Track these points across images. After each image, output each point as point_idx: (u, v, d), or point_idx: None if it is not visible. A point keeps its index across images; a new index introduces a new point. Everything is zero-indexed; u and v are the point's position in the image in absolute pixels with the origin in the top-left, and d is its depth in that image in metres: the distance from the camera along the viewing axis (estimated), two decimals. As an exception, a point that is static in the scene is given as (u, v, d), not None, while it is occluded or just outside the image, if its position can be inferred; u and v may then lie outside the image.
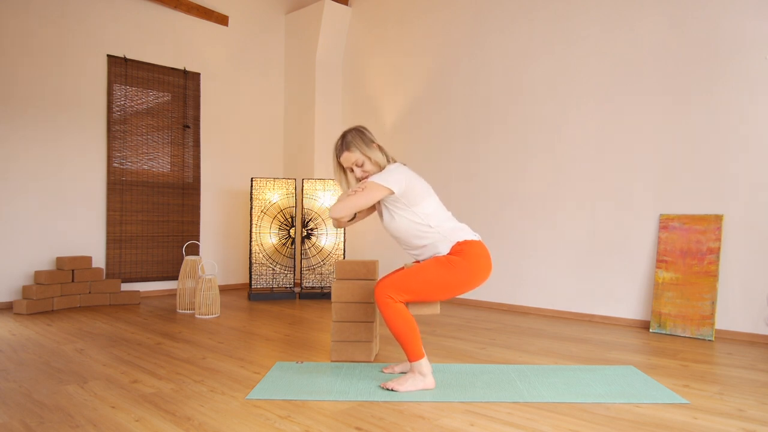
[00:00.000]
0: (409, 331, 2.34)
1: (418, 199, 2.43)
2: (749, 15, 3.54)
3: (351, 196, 2.42)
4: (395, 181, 2.39)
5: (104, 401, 2.21)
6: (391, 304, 2.34)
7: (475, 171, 4.91)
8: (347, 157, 2.49)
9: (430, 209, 2.45)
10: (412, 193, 2.42)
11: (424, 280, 2.37)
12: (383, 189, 2.39)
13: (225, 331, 3.68)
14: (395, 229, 2.49)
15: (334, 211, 2.43)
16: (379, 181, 2.39)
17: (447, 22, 5.21)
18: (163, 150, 5.38)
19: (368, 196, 2.40)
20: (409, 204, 2.43)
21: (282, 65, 6.40)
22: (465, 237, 2.44)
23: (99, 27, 5.00)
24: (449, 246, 2.42)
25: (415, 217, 2.43)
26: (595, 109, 4.21)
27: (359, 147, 2.48)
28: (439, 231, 2.43)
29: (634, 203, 4.00)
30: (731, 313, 3.56)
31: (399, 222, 2.46)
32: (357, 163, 2.49)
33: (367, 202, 2.41)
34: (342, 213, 2.42)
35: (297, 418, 2.03)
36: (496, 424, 1.98)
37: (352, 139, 2.50)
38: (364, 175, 2.50)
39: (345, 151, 2.50)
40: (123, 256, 5.12)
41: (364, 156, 2.48)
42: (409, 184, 2.42)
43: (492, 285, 4.76)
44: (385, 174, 2.43)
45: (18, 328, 3.71)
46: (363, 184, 2.43)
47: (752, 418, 2.08)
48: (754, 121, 3.52)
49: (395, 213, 2.46)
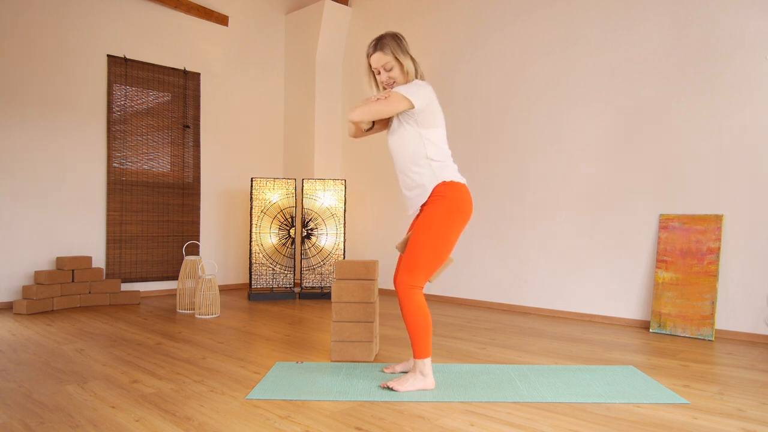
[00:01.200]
0: (424, 326, 2.35)
1: (430, 123, 2.42)
2: (749, 15, 3.54)
3: (373, 102, 2.39)
4: (420, 95, 2.37)
5: (104, 401, 2.20)
6: (413, 295, 2.35)
7: (475, 171, 4.91)
8: (378, 57, 2.45)
9: (435, 138, 2.44)
10: (430, 114, 2.41)
11: (425, 251, 2.37)
12: (406, 101, 2.36)
13: (225, 331, 3.68)
14: (398, 141, 2.47)
15: (354, 115, 2.39)
16: (404, 92, 2.36)
17: (447, 22, 5.21)
18: (163, 150, 5.38)
19: (390, 105, 2.36)
20: (421, 124, 2.41)
21: (282, 65, 6.40)
22: (451, 177, 2.44)
23: (99, 27, 5.00)
24: (435, 183, 2.41)
25: (419, 140, 2.42)
26: (595, 108, 4.21)
27: (394, 51, 2.44)
28: (432, 165, 2.42)
29: (634, 203, 4.00)
30: (731, 313, 3.56)
31: (404, 136, 2.44)
32: (386, 66, 2.45)
33: (388, 110, 2.37)
34: (362, 117, 2.39)
35: (297, 418, 2.03)
36: (496, 424, 1.98)
37: (388, 42, 2.45)
38: (390, 81, 2.47)
39: (378, 51, 2.45)
40: (123, 256, 5.12)
41: (396, 61, 2.45)
42: (430, 104, 2.40)
43: (492, 285, 4.77)
44: (412, 87, 2.40)
45: (18, 328, 3.71)
46: (387, 92, 2.40)
47: (752, 418, 2.08)
48: (754, 121, 3.52)
49: (404, 125, 2.44)
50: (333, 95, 6.18)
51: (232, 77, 5.93)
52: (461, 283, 4.99)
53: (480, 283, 4.86)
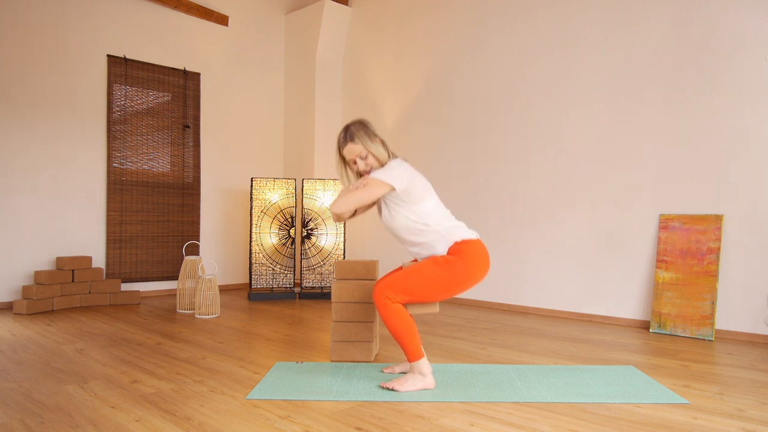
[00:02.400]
0: (407, 331, 2.34)
1: (418, 197, 2.43)
2: (749, 15, 3.54)
3: (352, 191, 2.41)
4: (397, 177, 2.39)
5: (104, 401, 2.21)
6: (389, 305, 2.34)
7: (475, 171, 4.91)
8: (351, 149, 2.47)
9: (429, 207, 2.45)
10: (414, 190, 2.42)
11: (421, 280, 2.37)
12: (385, 185, 2.38)
13: (225, 331, 3.68)
14: (393, 226, 2.49)
15: (335, 207, 2.42)
16: (381, 177, 2.38)
17: (447, 22, 5.21)
18: (163, 150, 5.38)
19: (370, 192, 2.39)
20: (409, 202, 2.42)
21: (282, 65, 6.40)
22: (463, 236, 2.44)
23: (99, 27, 5.00)
24: (447, 246, 2.42)
25: (414, 216, 2.43)
26: (596, 108, 4.21)
27: (362, 140, 2.47)
28: (437, 230, 2.42)
29: (634, 203, 4.00)
30: (731, 313, 3.56)
31: (397, 219, 2.45)
32: (360, 155, 2.47)
33: (368, 198, 2.40)
34: (343, 209, 2.42)
35: (297, 418, 2.03)
36: (496, 424, 1.98)
37: (355, 131, 2.48)
38: (367, 168, 2.49)
39: (349, 142, 2.47)
40: (123, 256, 5.12)
41: (367, 149, 2.47)
42: (410, 182, 2.41)
43: (492, 285, 4.76)
44: (387, 170, 2.42)
45: (18, 328, 3.71)
46: (364, 180, 2.42)
47: (752, 418, 2.08)
48: (754, 121, 3.52)
49: (394, 210, 2.46)
50: (333, 95, 6.18)
51: (232, 77, 5.93)
52: (461, 283, 4.98)
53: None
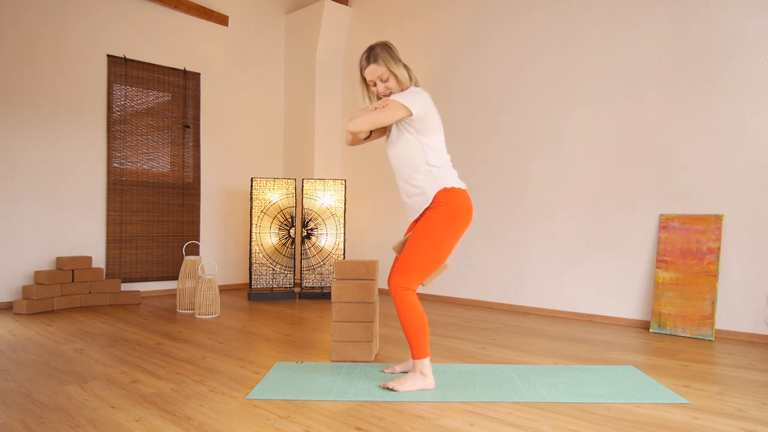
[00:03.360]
0: (420, 327, 2.35)
1: (429, 130, 2.42)
2: (749, 15, 3.54)
3: (371, 111, 2.39)
4: (418, 102, 2.38)
5: (104, 401, 2.21)
6: (406, 296, 2.35)
7: (475, 171, 4.91)
8: (373, 69, 2.44)
9: (434, 143, 2.44)
10: (428, 121, 2.41)
11: (421, 254, 2.37)
12: (404, 109, 2.36)
13: (225, 331, 3.68)
14: (398, 150, 2.47)
15: (352, 125, 2.40)
16: (402, 101, 2.36)
17: (447, 22, 5.21)
18: (163, 150, 5.38)
19: (388, 113, 2.37)
20: (420, 131, 2.41)
21: (282, 65, 6.40)
22: (452, 183, 2.43)
23: (99, 27, 5.00)
24: (436, 189, 2.41)
25: (419, 147, 2.42)
26: (596, 108, 4.21)
27: (386, 61, 2.44)
28: (432, 171, 2.42)
29: (634, 203, 4.00)
30: (731, 313, 3.56)
31: (404, 144, 2.44)
32: (382, 77, 2.45)
33: (386, 119, 2.38)
34: (360, 127, 2.40)
35: (297, 418, 2.03)
36: (496, 424, 1.98)
37: (380, 52, 2.45)
38: (387, 92, 2.47)
39: (372, 63, 2.45)
40: (123, 256, 5.12)
41: (390, 71, 2.44)
42: (428, 111, 2.41)
43: (492, 285, 4.77)
44: (409, 94, 2.40)
45: (18, 328, 3.71)
46: (384, 101, 2.40)
47: (752, 418, 2.08)
48: (754, 121, 3.52)
49: (403, 136, 2.45)
50: (333, 95, 6.18)
51: (232, 77, 5.93)
52: (461, 283, 4.99)
53: (480, 283, 4.86)
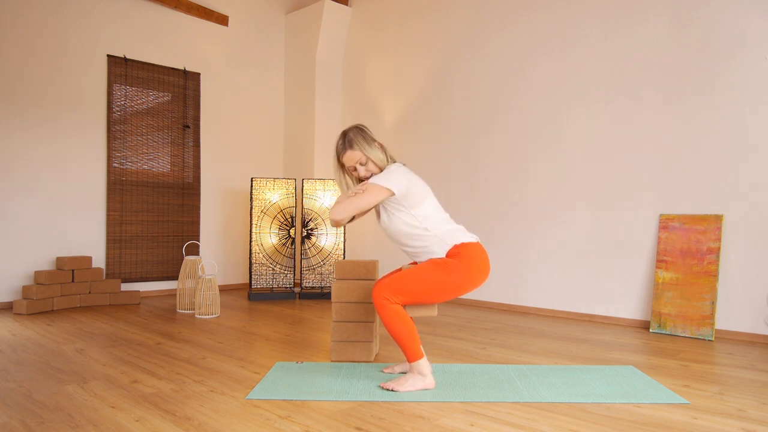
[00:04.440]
0: (406, 331, 2.34)
1: (417, 202, 2.42)
2: (749, 15, 3.54)
3: (351, 197, 2.40)
4: (395, 181, 2.38)
5: (104, 401, 2.21)
6: (387, 305, 2.34)
7: (475, 171, 4.91)
8: (350, 155, 2.46)
9: (428, 211, 2.44)
10: (412, 195, 2.41)
11: (420, 282, 2.36)
12: (384, 190, 2.37)
13: (225, 331, 3.68)
14: (392, 230, 2.48)
15: (334, 214, 2.41)
16: (380, 183, 2.37)
17: (447, 22, 5.21)
18: (163, 150, 5.38)
19: (369, 197, 2.38)
20: (408, 206, 2.42)
21: (282, 65, 6.40)
22: (462, 239, 2.43)
23: (99, 27, 5.00)
24: (446, 249, 2.41)
25: (413, 220, 2.42)
26: (596, 108, 4.21)
27: (360, 146, 2.45)
28: (436, 234, 2.42)
29: (634, 203, 4.00)
30: (731, 313, 3.56)
31: (396, 224, 2.45)
32: (360, 161, 2.46)
33: (368, 203, 2.40)
34: (342, 215, 2.41)
35: (297, 418, 2.03)
36: (496, 424, 1.98)
37: (354, 137, 2.47)
38: (368, 174, 2.48)
39: (348, 149, 2.46)
40: (123, 256, 5.12)
41: (367, 156, 2.46)
42: (409, 186, 2.40)
43: (492, 285, 4.76)
44: (386, 175, 2.41)
45: (18, 328, 3.71)
46: (363, 185, 2.41)
47: (752, 418, 2.08)
48: (754, 121, 3.52)
49: (392, 215, 2.46)
50: (333, 95, 6.18)
51: (232, 77, 5.93)
52: (461, 283, 4.98)
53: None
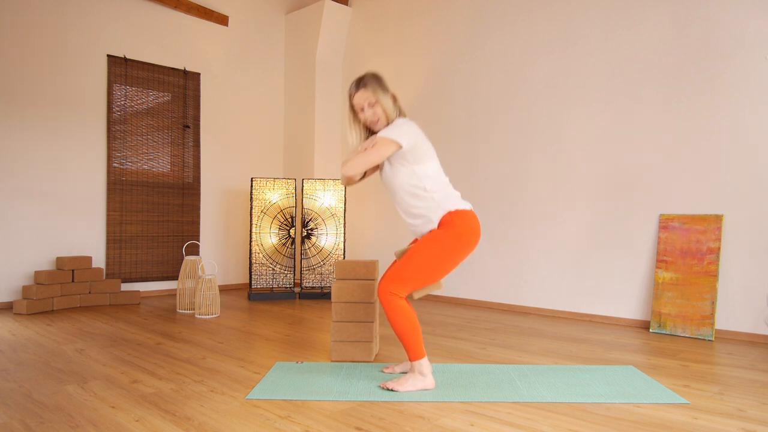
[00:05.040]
0: (411, 329, 2.35)
1: (422, 158, 2.43)
2: (749, 15, 3.54)
3: (362, 153, 2.41)
4: (404, 134, 2.39)
5: (104, 401, 2.21)
6: (393, 301, 2.34)
7: (475, 171, 4.91)
8: (361, 94, 2.48)
9: (430, 171, 2.45)
10: (419, 150, 2.42)
11: (418, 265, 2.37)
12: (393, 144, 2.37)
13: (225, 331, 3.68)
14: (394, 184, 2.48)
15: (347, 169, 2.42)
16: (389, 136, 2.38)
17: (447, 23, 5.21)
18: (163, 150, 5.38)
19: (379, 152, 2.38)
20: (413, 161, 2.42)
21: (282, 65, 6.40)
22: (457, 206, 2.44)
23: (99, 27, 5.00)
24: (441, 214, 2.42)
25: (414, 177, 2.43)
26: (596, 108, 4.21)
27: (373, 87, 2.48)
28: (433, 196, 2.42)
29: (634, 203, 4.00)
30: (731, 313, 3.56)
31: (400, 178, 2.45)
32: (370, 102, 2.47)
33: (378, 158, 2.39)
34: (355, 170, 2.41)
35: (297, 418, 2.03)
36: (496, 424, 1.98)
37: (368, 80, 2.50)
38: (374, 118, 2.48)
39: (361, 88, 2.48)
40: (123, 256, 5.12)
41: (377, 98, 2.47)
42: (416, 141, 2.42)
43: (492, 285, 4.77)
44: (394, 128, 2.42)
45: (18, 328, 3.71)
46: (373, 140, 2.42)
47: (752, 418, 2.08)
48: (754, 121, 3.52)
49: (396, 168, 2.46)
50: (333, 95, 6.18)
51: (232, 77, 5.93)
52: (461, 283, 4.99)
53: (480, 283, 4.86)
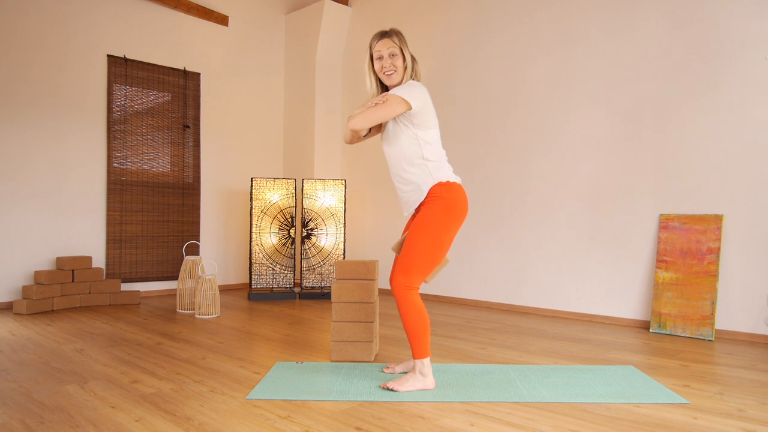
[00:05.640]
0: (421, 326, 2.36)
1: (426, 124, 2.44)
2: (750, 15, 3.54)
3: (371, 108, 2.41)
4: (416, 96, 2.39)
5: (104, 401, 2.21)
6: (409, 296, 2.36)
7: (476, 171, 4.91)
8: (386, 42, 2.48)
9: (430, 138, 2.46)
10: (426, 115, 2.43)
11: (421, 251, 2.38)
12: (403, 103, 2.38)
13: (225, 331, 3.68)
14: (393, 144, 2.48)
15: (355, 123, 2.42)
16: (401, 94, 2.38)
17: (447, 23, 5.21)
18: (163, 150, 5.38)
19: (389, 108, 2.38)
20: (417, 125, 2.43)
21: (282, 65, 6.40)
22: (447, 177, 2.44)
23: (99, 27, 5.00)
24: (431, 183, 2.42)
25: (414, 141, 2.44)
26: (596, 109, 4.21)
27: (400, 39, 2.49)
28: (428, 165, 2.43)
29: (634, 203, 4.00)
30: (731, 313, 3.56)
31: (400, 140, 2.46)
32: (392, 52, 2.48)
33: (387, 114, 2.39)
34: (362, 124, 2.41)
35: (297, 418, 2.03)
36: (496, 424, 1.98)
37: (396, 32, 2.51)
38: (391, 69, 2.48)
39: (386, 37, 2.49)
40: (123, 256, 5.12)
41: (401, 52, 2.48)
42: (425, 105, 2.43)
43: (492, 285, 4.77)
44: (407, 88, 2.42)
45: (18, 328, 3.71)
46: (384, 96, 2.42)
47: (752, 418, 2.08)
48: (755, 121, 3.52)
49: (399, 129, 2.46)
50: (333, 95, 6.18)
51: (232, 77, 5.93)
52: (461, 283, 4.99)
53: (480, 283, 4.86)
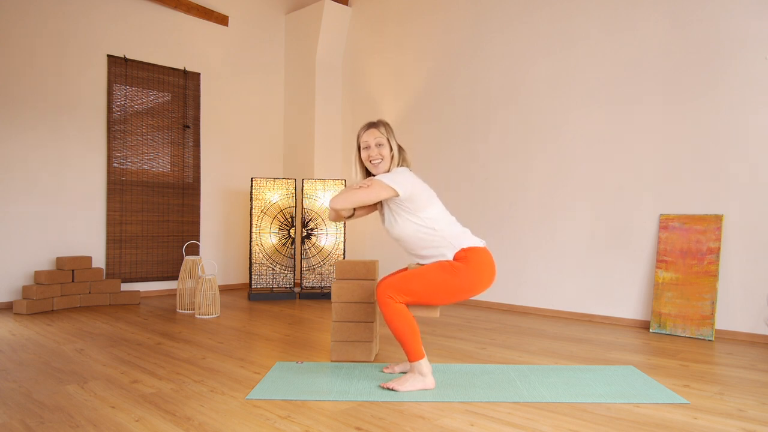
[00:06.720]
0: (409, 331, 2.34)
1: (423, 205, 2.43)
2: (750, 15, 3.54)
3: (355, 189, 2.41)
4: (401, 183, 2.39)
5: (104, 401, 2.21)
6: (391, 304, 2.34)
7: (476, 171, 4.91)
8: (373, 132, 2.51)
9: (434, 214, 2.44)
10: (418, 198, 2.42)
11: (426, 284, 2.36)
12: (388, 189, 2.38)
13: (225, 331, 3.68)
14: (399, 232, 2.47)
15: (335, 202, 2.42)
16: (386, 180, 2.38)
17: (447, 23, 5.21)
18: (163, 150, 5.38)
19: (372, 192, 2.39)
20: (414, 209, 2.42)
21: (282, 65, 6.40)
22: (470, 243, 2.43)
23: (99, 27, 5.00)
24: (453, 252, 2.41)
25: (420, 221, 2.42)
26: (596, 109, 4.21)
27: (386, 130, 2.53)
28: (444, 236, 2.41)
29: (634, 203, 4.00)
30: (731, 313, 3.56)
31: (403, 226, 2.45)
32: (379, 141, 2.50)
33: (369, 198, 2.40)
34: (343, 204, 2.41)
35: (297, 418, 2.03)
36: (496, 424, 1.98)
37: (383, 123, 2.56)
38: (378, 158, 2.49)
39: (373, 128, 2.52)
40: (123, 256, 5.12)
41: (387, 142, 2.51)
42: (414, 190, 2.41)
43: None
44: (392, 175, 2.43)
45: (18, 328, 3.71)
46: (369, 180, 2.42)
47: (752, 418, 2.08)
48: (755, 121, 3.52)
49: (399, 216, 2.45)
50: (333, 95, 6.18)
51: (232, 77, 5.93)
52: (461, 283, 4.98)
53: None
